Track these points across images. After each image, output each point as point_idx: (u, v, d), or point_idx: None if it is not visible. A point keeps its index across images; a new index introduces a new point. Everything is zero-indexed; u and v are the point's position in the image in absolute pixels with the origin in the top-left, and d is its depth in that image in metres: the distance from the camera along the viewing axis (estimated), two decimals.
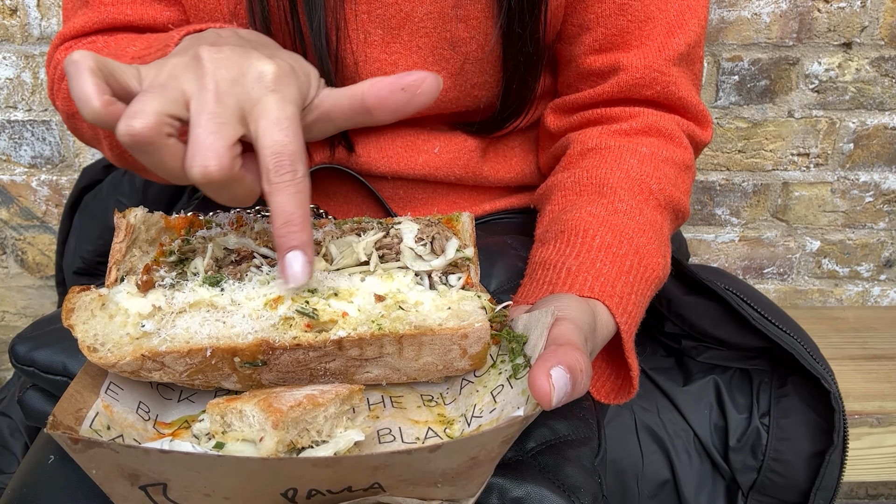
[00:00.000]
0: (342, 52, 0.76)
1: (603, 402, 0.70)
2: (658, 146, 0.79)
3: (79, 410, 0.49)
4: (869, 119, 1.47)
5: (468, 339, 0.52)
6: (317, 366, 0.52)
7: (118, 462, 0.41)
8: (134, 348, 0.49)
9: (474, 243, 0.60)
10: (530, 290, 0.67)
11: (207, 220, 0.58)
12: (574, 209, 0.72)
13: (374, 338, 0.50)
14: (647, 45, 0.78)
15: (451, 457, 0.44)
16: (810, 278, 1.64)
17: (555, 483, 0.59)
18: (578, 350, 0.48)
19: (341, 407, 0.49)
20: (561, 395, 0.45)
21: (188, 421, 0.54)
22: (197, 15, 0.78)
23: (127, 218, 0.56)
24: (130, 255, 0.55)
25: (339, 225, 0.59)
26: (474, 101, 0.82)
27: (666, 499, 0.85)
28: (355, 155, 0.83)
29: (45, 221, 1.59)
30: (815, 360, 0.80)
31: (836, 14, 1.38)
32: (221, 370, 0.51)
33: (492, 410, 0.53)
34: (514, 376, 0.53)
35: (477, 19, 0.75)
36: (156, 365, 0.49)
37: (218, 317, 0.51)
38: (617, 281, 0.64)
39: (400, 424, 0.55)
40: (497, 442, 0.45)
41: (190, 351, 0.49)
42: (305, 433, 0.47)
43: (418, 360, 0.53)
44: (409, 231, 0.58)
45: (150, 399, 0.55)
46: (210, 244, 0.56)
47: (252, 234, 0.57)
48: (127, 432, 0.51)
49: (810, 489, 0.81)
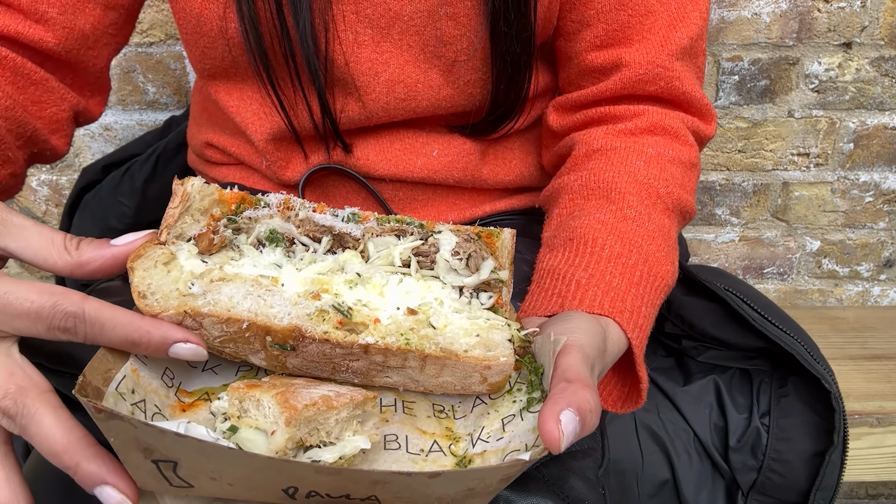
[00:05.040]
0: (332, 53, 0.76)
1: (610, 410, 0.69)
2: (664, 146, 0.78)
3: (108, 371, 0.50)
4: (869, 119, 1.47)
5: (490, 371, 0.52)
6: (340, 361, 0.53)
7: (135, 436, 0.43)
8: (178, 303, 0.51)
9: (511, 261, 0.60)
10: (539, 300, 0.66)
11: (258, 198, 0.59)
12: (582, 215, 0.72)
13: (399, 351, 0.52)
14: (648, 39, 0.78)
15: (448, 485, 0.45)
16: (810, 278, 1.64)
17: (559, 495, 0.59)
18: (587, 388, 0.48)
19: (353, 412, 0.50)
20: (570, 438, 0.45)
21: (208, 393, 0.56)
22: (186, 18, 0.78)
23: (185, 185, 0.57)
24: (182, 221, 0.57)
25: (382, 222, 0.60)
26: (469, 99, 0.81)
27: (666, 499, 0.85)
28: (353, 157, 0.83)
29: (45, 221, 1.59)
30: (815, 361, 0.80)
31: (836, 14, 1.38)
32: (252, 345, 0.53)
33: (499, 439, 0.53)
34: (528, 409, 0.53)
35: (466, 17, 0.75)
36: (195, 324, 0.51)
37: (261, 293, 0.52)
38: (627, 294, 0.64)
39: (407, 433, 0.55)
40: (496, 479, 0.46)
41: (229, 319, 0.51)
42: (315, 432, 0.48)
43: (438, 378, 0.54)
44: (447, 243, 0.58)
45: (176, 365, 0.56)
46: (258, 224, 0.58)
47: (296, 220, 0.58)
48: (150, 397, 0.52)
49: (810, 489, 0.81)
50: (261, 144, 0.84)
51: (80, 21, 0.76)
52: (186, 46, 0.83)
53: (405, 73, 0.78)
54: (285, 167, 0.85)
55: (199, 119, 0.96)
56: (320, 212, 0.59)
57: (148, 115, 1.51)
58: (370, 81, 0.78)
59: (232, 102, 0.84)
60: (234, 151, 0.89)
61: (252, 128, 0.83)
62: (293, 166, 0.85)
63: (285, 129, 0.81)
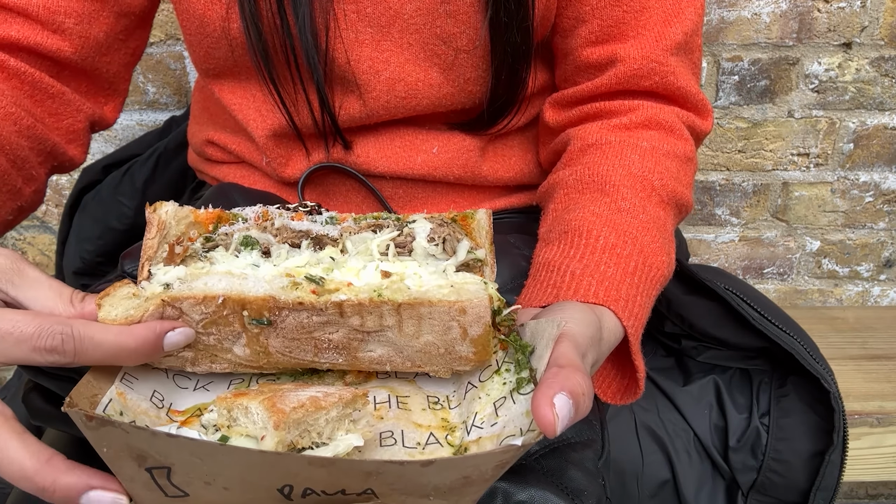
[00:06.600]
0: (333, 51, 0.76)
1: (609, 402, 0.70)
2: (658, 139, 0.78)
3: (94, 396, 0.50)
4: (869, 119, 1.47)
5: (467, 316, 0.52)
6: (321, 335, 0.53)
7: (127, 442, 0.43)
8: (155, 298, 0.51)
9: (490, 241, 0.60)
10: (534, 292, 0.67)
11: (234, 214, 0.59)
12: (577, 208, 0.72)
13: (373, 304, 0.51)
14: (643, 35, 0.78)
15: (443, 473, 0.45)
16: (810, 278, 1.64)
17: (559, 486, 0.59)
18: (580, 372, 0.48)
19: (343, 410, 0.50)
20: (565, 422, 0.45)
21: (201, 409, 0.56)
22: (190, 20, 0.79)
23: (158, 213, 0.56)
24: (161, 250, 0.56)
25: (358, 221, 0.60)
26: (469, 96, 0.82)
27: (666, 499, 0.85)
28: (353, 155, 0.84)
29: (45, 221, 1.59)
30: (814, 360, 0.80)
31: (836, 14, 1.38)
32: (232, 325, 0.53)
33: (493, 424, 0.53)
34: (518, 390, 0.53)
35: (465, 13, 0.75)
36: (175, 312, 0.52)
37: (236, 278, 0.53)
38: (622, 284, 0.64)
39: (403, 427, 0.55)
40: (491, 465, 0.46)
41: (205, 298, 0.51)
42: (306, 434, 0.48)
43: (419, 339, 0.53)
44: (422, 230, 0.58)
45: (164, 388, 0.56)
46: (235, 235, 0.58)
47: (273, 229, 0.58)
48: (139, 418, 0.52)
49: (810, 489, 0.81)
50: (261, 141, 0.84)
51: (95, 29, 0.79)
52: (189, 47, 0.83)
53: (405, 71, 0.79)
54: (285, 164, 0.85)
55: (199, 118, 0.96)
56: (298, 219, 0.59)
57: (148, 115, 1.51)
58: (371, 79, 0.78)
59: (235, 100, 0.85)
60: (235, 149, 0.89)
61: (253, 124, 0.84)
62: (293, 164, 0.86)
63: (286, 125, 0.81)
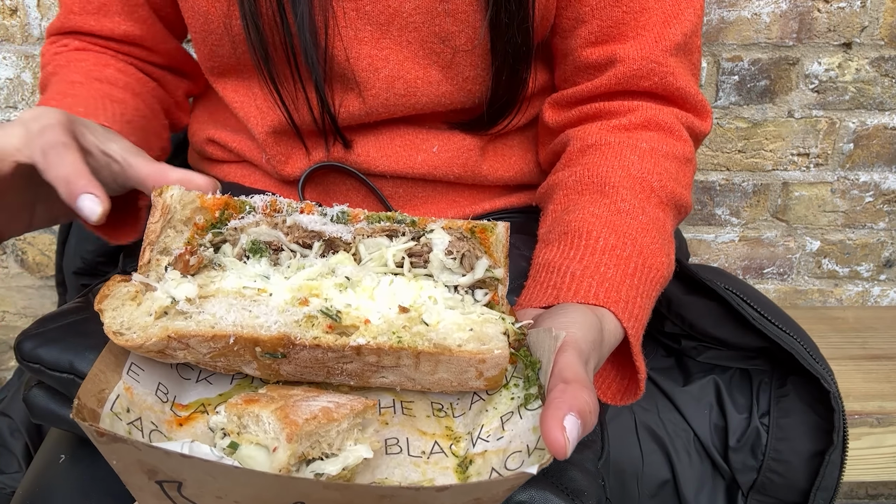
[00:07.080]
0: (333, 49, 0.76)
1: (609, 403, 0.70)
2: (658, 140, 0.78)
3: (101, 391, 0.50)
4: (869, 119, 1.47)
5: (485, 364, 0.52)
6: (334, 365, 0.53)
7: (139, 458, 0.42)
8: (160, 329, 0.50)
9: (506, 255, 0.59)
10: (534, 293, 0.66)
11: (242, 202, 0.57)
12: (576, 209, 0.72)
13: (392, 350, 0.51)
14: (643, 35, 0.78)
15: (456, 497, 0.45)
16: (810, 278, 1.64)
17: (558, 487, 0.58)
18: (585, 388, 0.48)
19: (354, 421, 0.50)
20: (574, 443, 0.46)
21: (204, 405, 0.55)
22: (195, 17, 0.80)
23: (163, 197, 0.55)
24: (165, 234, 0.55)
25: (372, 221, 0.58)
26: (468, 95, 0.82)
27: (666, 499, 0.85)
28: (354, 154, 0.84)
29: None
30: (814, 360, 0.79)
31: (836, 14, 1.38)
32: (243, 356, 0.52)
33: (499, 438, 0.53)
34: (526, 405, 0.53)
35: (465, 12, 0.75)
36: (181, 345, 0.51)
37: (245, 304, 0.51)
38: (622, 285, 0.64)
39: (408, 435, 0.55)
40: (502, 490, 0.46)
41: (214, 336, 0.50)
42: (317, 445, 0.48)
43: (434, 375, 0.54)
44: (440, 242, 0.57)
45: (169, 379, 0.55)
46: (242, 235, 0.56)
47: (284, 227, 0.57)
48: (145, 415, 0.52)
49: (810, 489, 0.81)
50: (261, 138, 0.84)
51: None
52: (196, 46, 0.85)
53: (405, 69, 0.79)
54: (285, 162, 0.86)
55: (200, 116, 0.96)
56: (308, 212, 0.57)
57: None
58: (370, 77, 0.78)
59: (236, 98, 0.85)
60: (236, 147, 0.89)
61: (253, 121, 0.84)
62: (293, 161, 0.86)
63: (286, 123, 0.81)
